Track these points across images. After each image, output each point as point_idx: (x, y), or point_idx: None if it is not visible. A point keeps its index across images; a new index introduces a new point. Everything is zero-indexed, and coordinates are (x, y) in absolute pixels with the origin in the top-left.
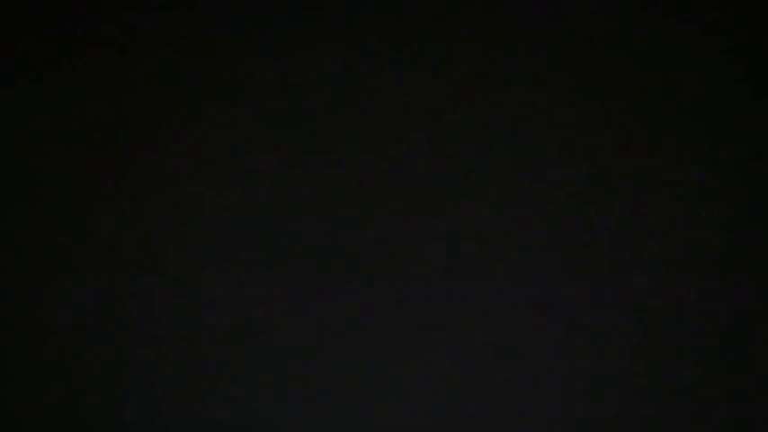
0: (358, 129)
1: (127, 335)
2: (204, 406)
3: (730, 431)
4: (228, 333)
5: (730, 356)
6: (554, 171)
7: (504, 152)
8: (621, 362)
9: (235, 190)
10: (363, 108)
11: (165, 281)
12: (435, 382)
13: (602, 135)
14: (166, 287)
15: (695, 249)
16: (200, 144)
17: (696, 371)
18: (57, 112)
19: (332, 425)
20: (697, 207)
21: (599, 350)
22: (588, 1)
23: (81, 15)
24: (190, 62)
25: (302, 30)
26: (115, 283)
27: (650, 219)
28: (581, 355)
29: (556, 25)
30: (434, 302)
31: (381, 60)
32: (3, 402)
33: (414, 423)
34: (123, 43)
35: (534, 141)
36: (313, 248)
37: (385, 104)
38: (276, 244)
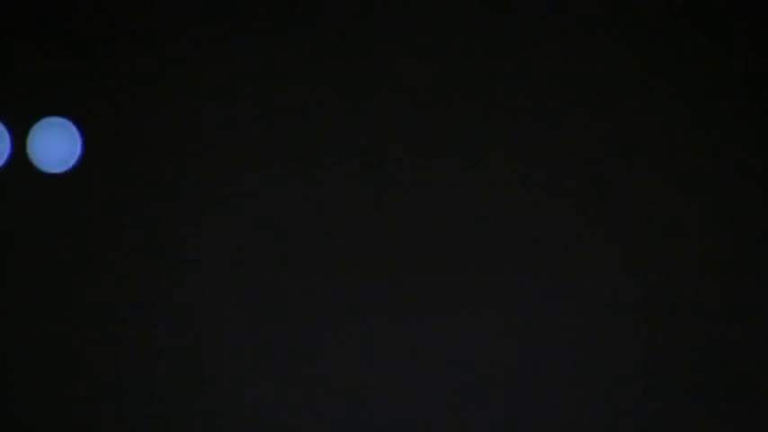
0: (358, 129)
1: (127, 335)
2: (204, 406)
3: (730, 431)
4: (228, 333)
5: (730, 356)
6: (554, 171)
7: (504, 152)
8: (622, 361)
9: (235, 190)
10: (364, 108)
11: (165, 281)
12: (436, 381)
13: (602, 135)
14: (166, 287)
15: (696, 249)
16: (201, 144)
17: (696, 371)
18: (56, 111)
19: (332, 425)
20: (697, 207)
21: (599, 350)
22: (589, 0)
23: (81, 14)
24: (190, 61)
25: (302, 30)
26: (115, 282)
27: (650, 219)
28: (580, 354)
29: (556, 25)
30: (434, 302)
31: (381, 60)
32: (3, 402)
33: (414, 423)
34: (123, 42)
35: (534, 141)
36: (313, 248)
37: (385, 105)
38: (276, 244)
